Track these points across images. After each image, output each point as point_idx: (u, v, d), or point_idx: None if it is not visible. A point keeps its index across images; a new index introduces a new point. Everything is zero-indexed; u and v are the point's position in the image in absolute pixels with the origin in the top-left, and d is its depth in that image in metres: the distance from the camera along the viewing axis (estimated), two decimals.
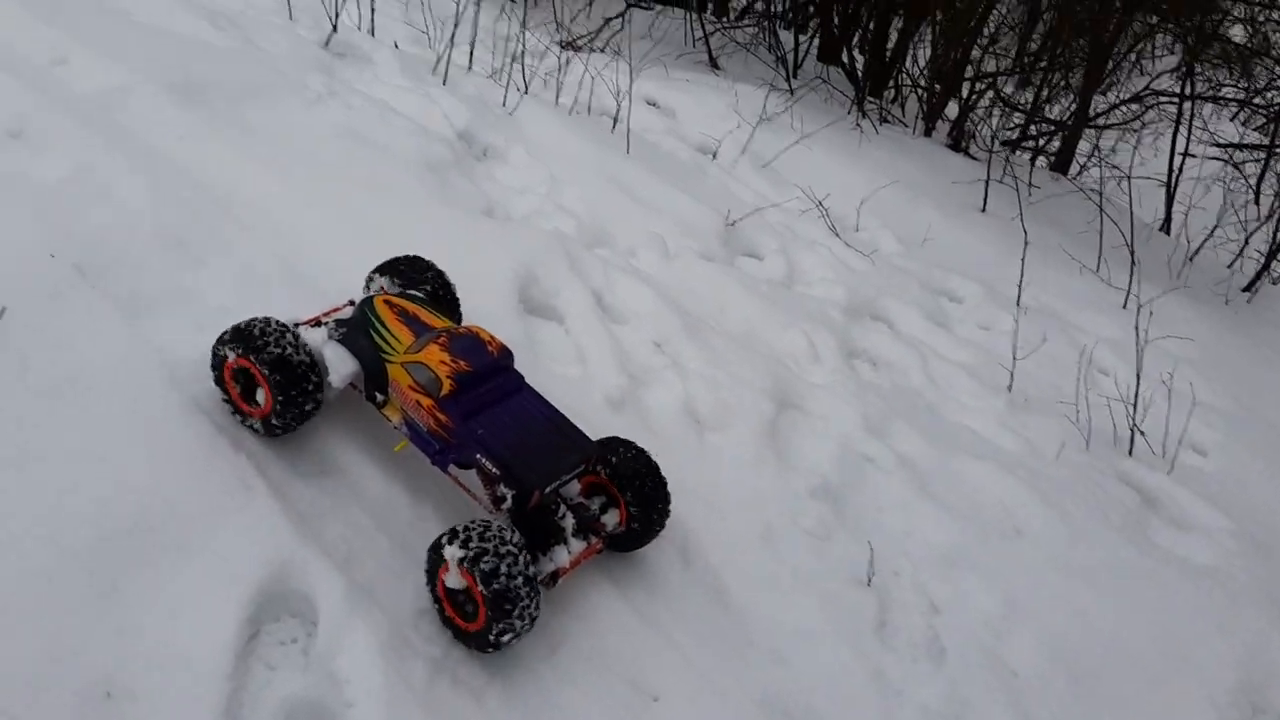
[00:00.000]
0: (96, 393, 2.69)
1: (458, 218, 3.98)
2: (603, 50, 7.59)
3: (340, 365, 2.86)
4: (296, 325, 2.97)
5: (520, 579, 2.46)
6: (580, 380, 3.52)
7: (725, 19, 9.83)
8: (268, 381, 2.68)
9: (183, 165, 3.56)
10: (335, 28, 5.54)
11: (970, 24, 8.08)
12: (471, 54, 6.08)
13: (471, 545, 2.47)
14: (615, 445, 2.99)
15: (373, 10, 5.94)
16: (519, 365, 2.96)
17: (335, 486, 2.79)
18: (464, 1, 6.24)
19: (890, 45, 8.83)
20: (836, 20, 9.33)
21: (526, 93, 5.87)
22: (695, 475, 3.31)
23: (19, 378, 2.65)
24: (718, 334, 4.07)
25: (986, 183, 6.91)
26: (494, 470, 2.70)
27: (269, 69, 4.50)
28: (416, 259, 3.26)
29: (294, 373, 2.71)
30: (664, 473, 2.96)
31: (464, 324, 3.09)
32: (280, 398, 2.69)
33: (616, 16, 8.22)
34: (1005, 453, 4.01)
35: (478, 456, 2.72)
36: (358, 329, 2.90)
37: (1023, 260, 5.37)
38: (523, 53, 6.11)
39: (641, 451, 2.99)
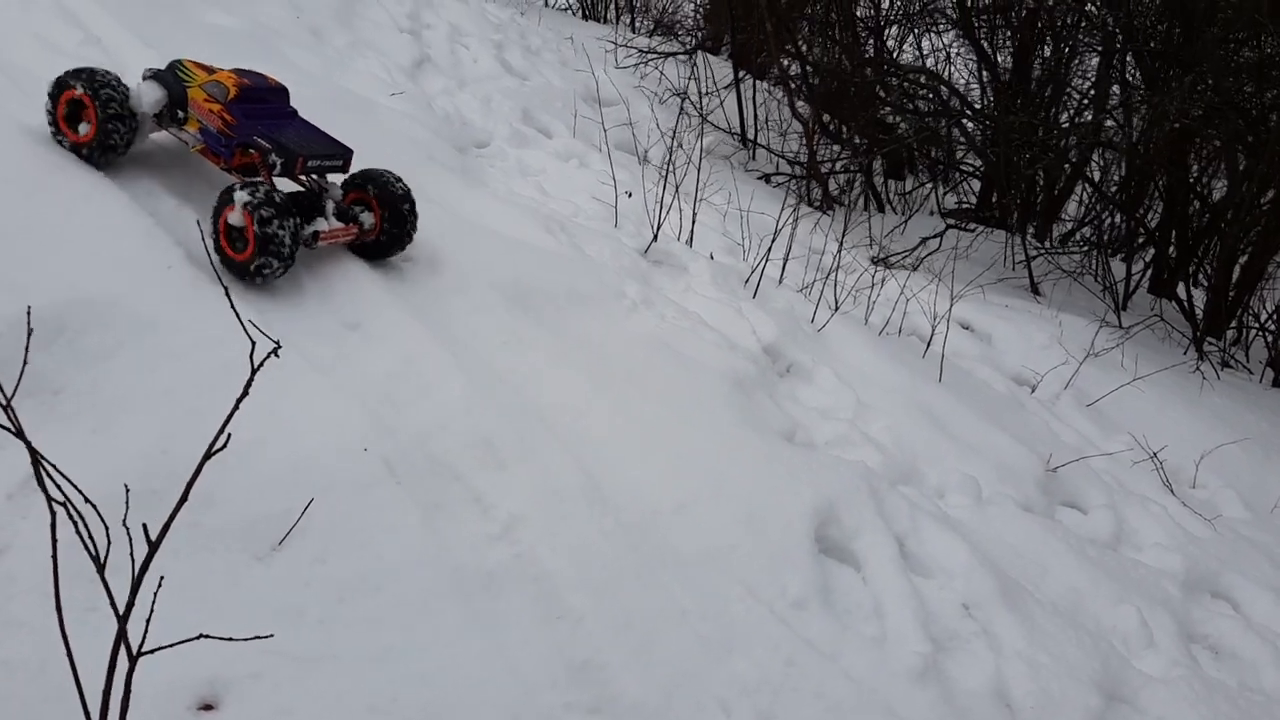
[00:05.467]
0: (386, 593, 2.65)
1: (760, 442, 3.78)
2: (917, 269, 7.39)
3: (150, 93, 3.79)
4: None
5: (285, 227, 3.39)
6: (876, 641, 3.16)
7: (1048, 243, 9.42)
8: (95, 110, 3.62)
9: (500, 366, 3.60)
10: (656, 236, 5.64)
11: None
12: (784, 267, 6.02)
13: (256, 195, 3.39)
14: (383, 173, 3.97)
15: (693, 221, 6.02)
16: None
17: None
18: (782, 216, 6.24)
19: (1234, 281, 8.10)
20: (1173, 250, 8.71)
21: (837, 310, 5.71)
22: None
23: (315, 569, 2.64)
24: (1037, 601, 3.60)
25: None
26: (266, 145, 3.64)
27: (592, 276, 4.57)
28: None
29: (114, 107, 3.65)
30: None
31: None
32: (106, 125, 3.62)
33: (934, 236, 8.03)
34: None
35: (254, 138, 3.67)
36: (167, 72, 3.87)
37: None
38: (836, 268, 5.99)
39: (401, 181, 3.98)
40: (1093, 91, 9.66)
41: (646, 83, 10.23)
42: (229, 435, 1.79)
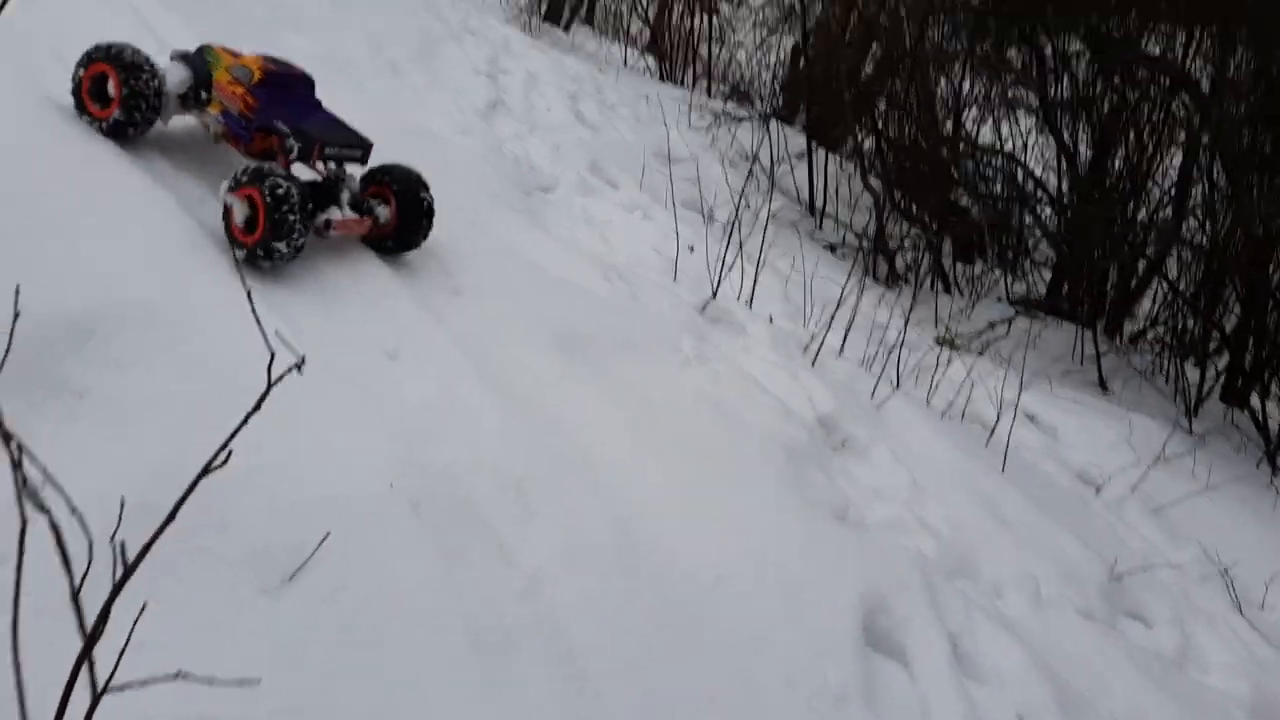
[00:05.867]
0: (395, 643, 2.45)
1: (809, 517, 3.56)
2: (982, 353, 7.13)
3: (176, 73, 3.79)
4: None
5: (296, 213, 3.33)
6: None
7: (1119, 340, 9.11)
8: (120, 85, 3.56)
9: (541, 408, 3.41)
10: (715, 293, 5.47)
11: None
12: (845, 338, 5.81)
13: (268, 178, 3.34)
14: (404, 169, 3.95)
15: (754, 282, 5.85)
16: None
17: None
18: (848, 286, 6.05)
19: None
20: (1249, 359, 8.37)
21: (898, 386, 5.48)
22: None
23: (323, 609, 2.46)
24: (1098, 718, 3.31)
25: None
26: (285, 129, 3.65)
27: (646, 326, 4.40)
28: None
29: (139, 84, 3.59)
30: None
31: None
32: (129, 101, 3.57)
33: (1002, 321, 7.78)
34: None
35: (274, 121, 3.67)
36: (195, 55, 3.85)
37: None
38: (900, 344, 5.77)
39: (419, 174, 3.95)
40: (1174, 190, 9.40)
41: (718, 145, 10.16)
42: (229, 453, 1.61)
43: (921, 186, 9.80)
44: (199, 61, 3.84)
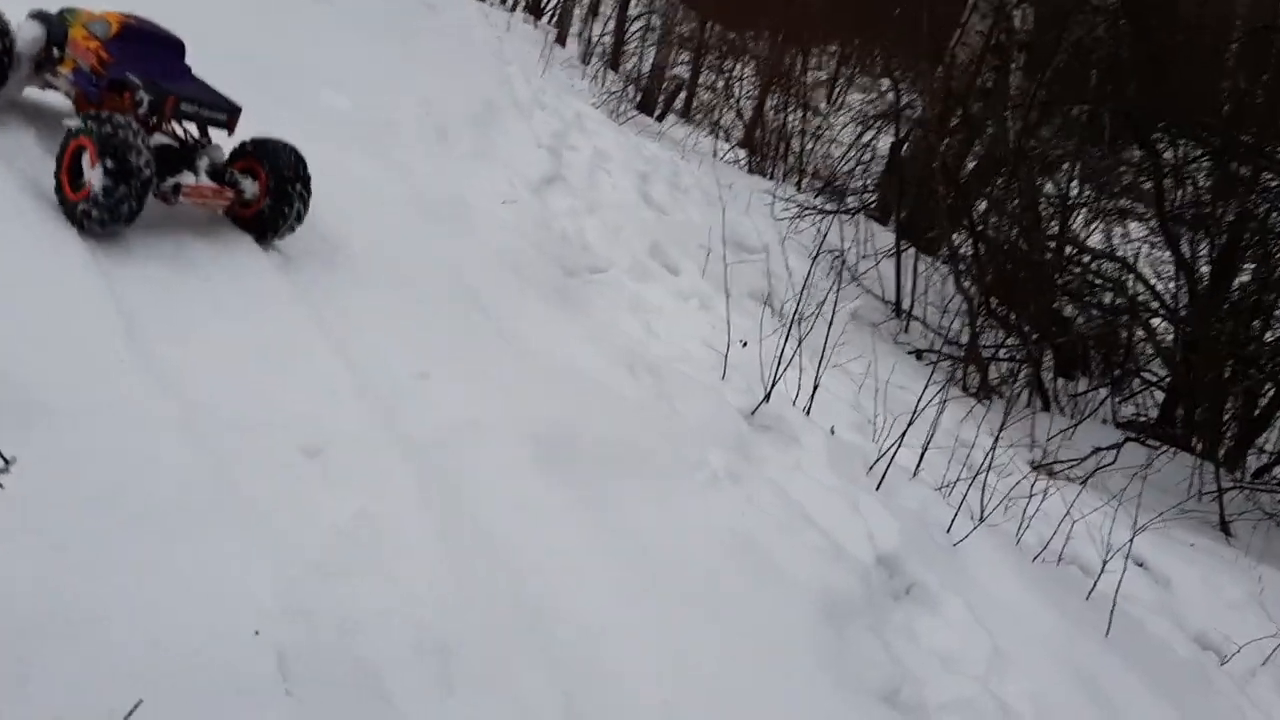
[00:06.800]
0: None
1: (846, 702, 2.72)
2: (1085, 484, 6.19)
3: (29, 30, 3.47)
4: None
5: (139, 159, 3.00)
6: None
7: (1239, 474, 8.03)
8: None
9: (497, 540, 2.64)
10: (768, 396, 4.70)
11: None
12: (922, 457, 4.98)
13: (102, 123, 3.00)
14: (278, 142, 3.57)
15: (815, 386, 5.05)
16: None
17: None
18: (927, 394, 5.22)
19: None
20: None
21: (982, 520, 4.61)
22: None
23: None
24: None
25: None
26: (136, 81, 3.29)
27: (665, 435, 3.62)
28: None
29: None
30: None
31: None
32: None
33: (1109, 448, 6.83)
34: None
35: (126, 74, 3.32)
36: (54, 14, 3.54)
37: None
38: (988, 468, 4.90)
39: (295, 149, 3.57)
40: None
41: (801, 237, 9.48)
42: None
43: (1021, 292, 8.94)
44: (54, 19, 3.56)
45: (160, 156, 3.24)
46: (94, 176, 2.95)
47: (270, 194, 3.50)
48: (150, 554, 2.11)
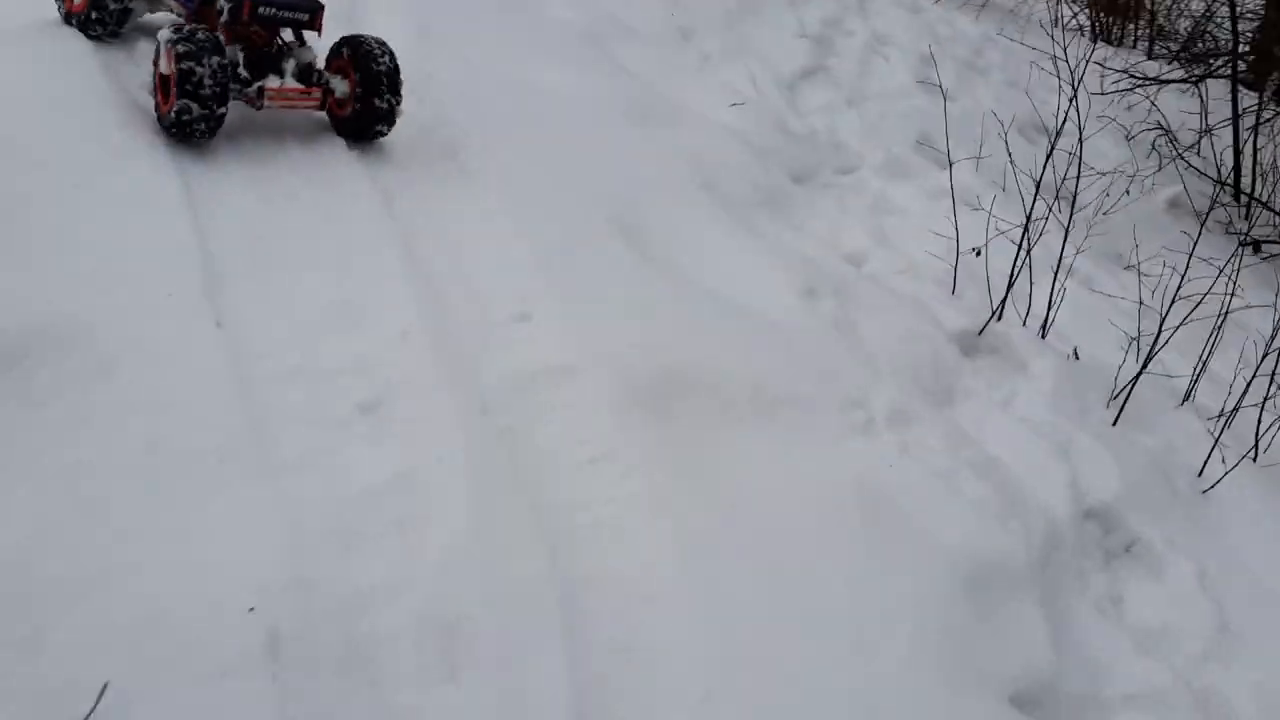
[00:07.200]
0: None
1: (954, 707, 2.32)
2: None
3: None
4: None
5: (209, 71, 3.06)
6: None
7: None
8: None
9: (556, 505, 2.40)
10: (999, 314, 4.13)
11: None
12: (1198, 375, 4.18)
13: (176, 31, 3.13)
14: (367, 39, 3.54)
15: (1057, 297, 4.32)
16: None
17: None
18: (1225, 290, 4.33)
19: None
20: None
21: (1256, 455, 3.83)
22: None
23: None
24: None
25: None
26: None
27: (814, 369, 3.20)
28: None
29: None
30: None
31: None
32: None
33: None
34: None
35: None
36: None
37: None
38: (1268, 397, 4.04)
39: (384, 44, 3.55)
40: None
41: (1132, 114, 8.30)
42: None
43: None
44: None
45: (248, 62, 3.36)
46: (173, 90, 3.07)
47: (359, 93, 3.47)
48: (169, 519, 2.13)
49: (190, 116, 3.06)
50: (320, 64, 3.61)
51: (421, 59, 4.33)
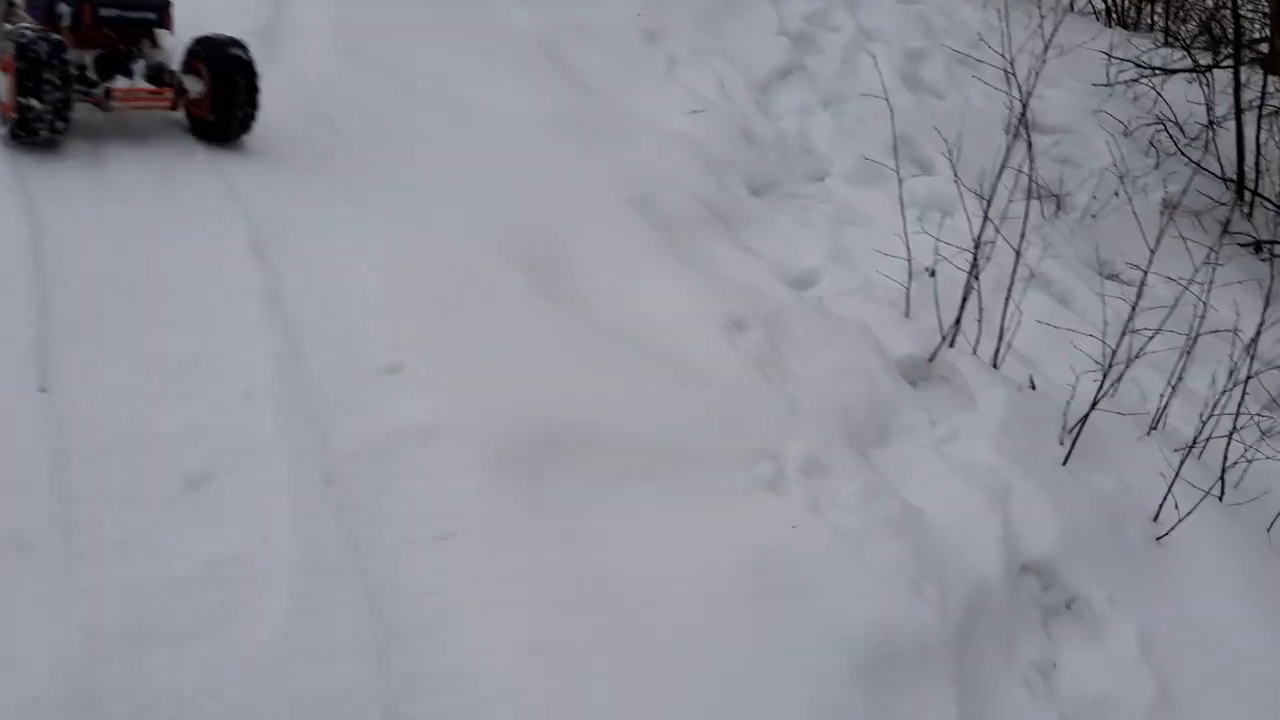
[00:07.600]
0: None
1: None
2: None
3: None
4: None
5: (50, 73, 3.02)
6: None
7: None
8: None
9: (395, 591, 2.15)
10: (950, 341, 3.89)
11: None
12: (1171, 392, 3.89)
13: (19, 38, 3.06)
14: (222, 36, 3.50)
15: (1009, 319, 4.00)
16: None
17: None
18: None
19: None
20: None
21: (1222, 494, 3.58)
22: None
23: None
24: None
25: None
26: None
27: (729, 423, 2.94)
28: None
29: None
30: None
31: None
32: None
33: None
34: None
35: None
36: None
37: None
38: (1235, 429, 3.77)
39: (240, 41, 3.50)
40: None
41: (1137, 106, 7.99)
42: None
43: None
44: None
45: (99, 66, 3.36)
46: (12, 94, 3.03)
47: (213, 93, 3.42)
48: None
49: (30, 115, 3.03)
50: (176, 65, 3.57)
51: (341, 77, 4.15)
